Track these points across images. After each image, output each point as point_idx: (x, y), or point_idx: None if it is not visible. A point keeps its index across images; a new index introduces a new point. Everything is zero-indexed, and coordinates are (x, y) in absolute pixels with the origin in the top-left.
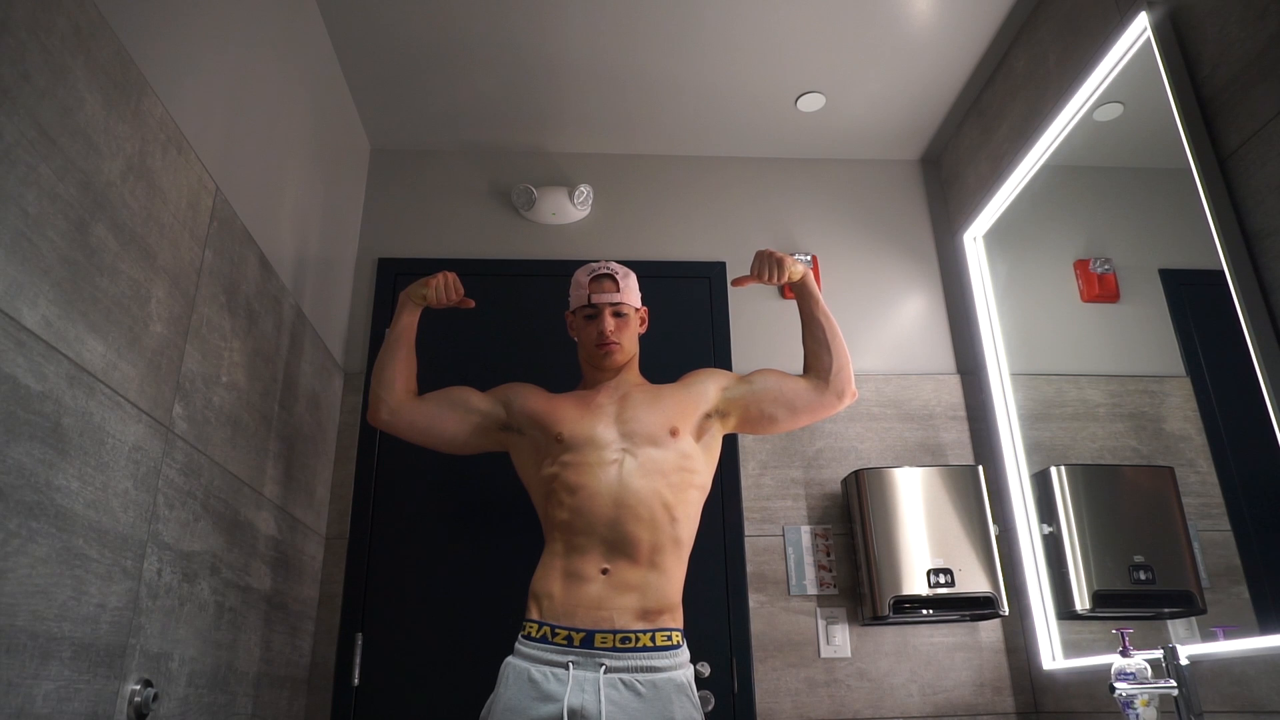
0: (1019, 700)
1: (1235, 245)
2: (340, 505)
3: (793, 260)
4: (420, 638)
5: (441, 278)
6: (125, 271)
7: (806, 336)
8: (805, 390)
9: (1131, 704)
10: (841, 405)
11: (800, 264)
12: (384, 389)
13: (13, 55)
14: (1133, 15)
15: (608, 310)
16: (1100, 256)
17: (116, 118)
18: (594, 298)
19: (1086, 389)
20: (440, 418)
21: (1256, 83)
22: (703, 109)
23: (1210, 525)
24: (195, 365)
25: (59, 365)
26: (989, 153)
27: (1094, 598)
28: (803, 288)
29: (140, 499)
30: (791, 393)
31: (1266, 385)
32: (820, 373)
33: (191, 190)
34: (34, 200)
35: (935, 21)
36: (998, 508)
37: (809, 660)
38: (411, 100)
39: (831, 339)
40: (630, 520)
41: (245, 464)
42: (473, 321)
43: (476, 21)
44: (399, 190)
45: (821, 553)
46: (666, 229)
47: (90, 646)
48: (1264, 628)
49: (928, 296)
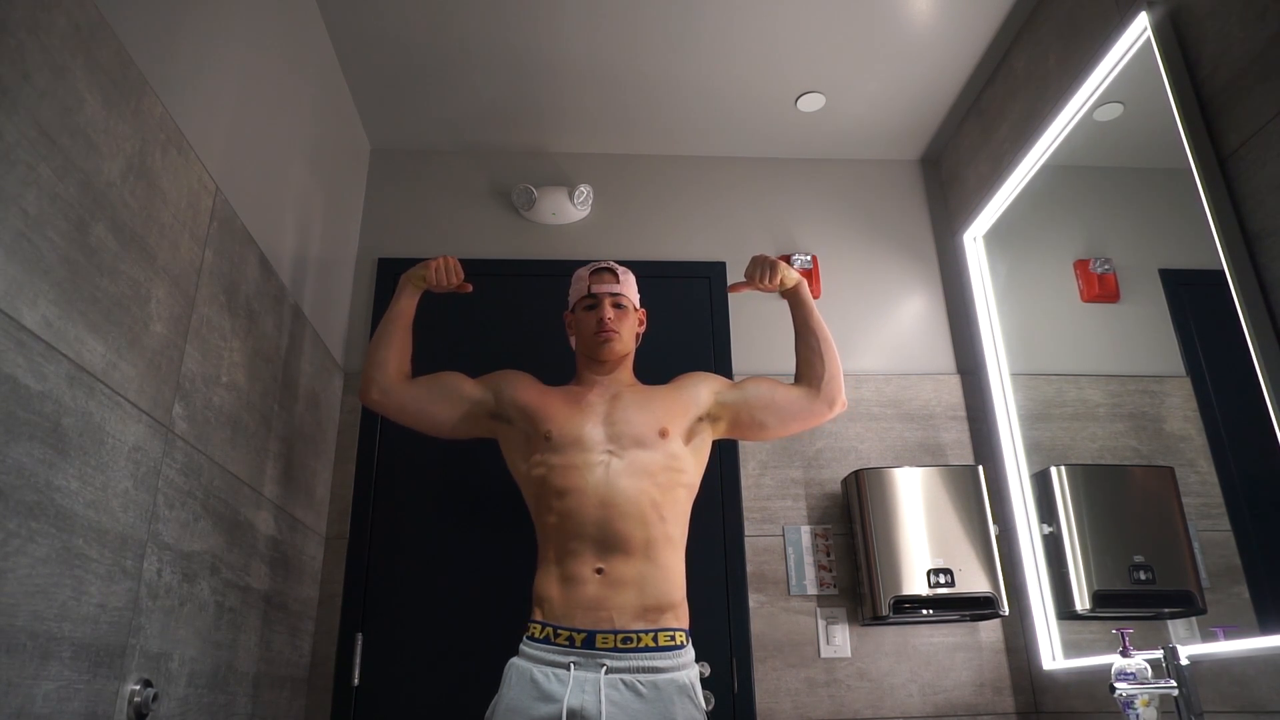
0: (1019, 700)
1: (1235, 245)
2: (340, 505)
3: (787, 266)
4: (420, 638)
5: (441, 261)
6: (125, 272)
7: (799, 344)
8: (796, 398)
9: (1132, 704)
10: (831, 414)
11: (794, 272)
12: (376, 369)
13: (13, 55)
14: (1133, 15)
15: (607, 300)
16: (1100, 256)
17: (116, 118)
18: (594, 288)
19: (1086, 389)
20: (430, 401)
21: (1256, 83)
22: (703, 109)
23: (1210, 525)
24: (195, 365)
25: (59, 365)
26: (989, 153)
27: (1094, 598)
28: (796, 295)
29: (140, 499)
30: (783, 400)
31: (1266, 385)
32: (812, 381)
33: (191, 190)
34: (34, 200)
35: (935, 21)
36: (998, 508)
37: (809, 660)
38: (411, 100)
39: (824, 348)
40: (618, 519)
41: (245, 464)
42: (473, 321)
43: (477, 22)
44: (399, 190)
45: (821, 553)
46: (666, 229)
47: (90, 646)
48: (1264, 628)
49: (928, 296)
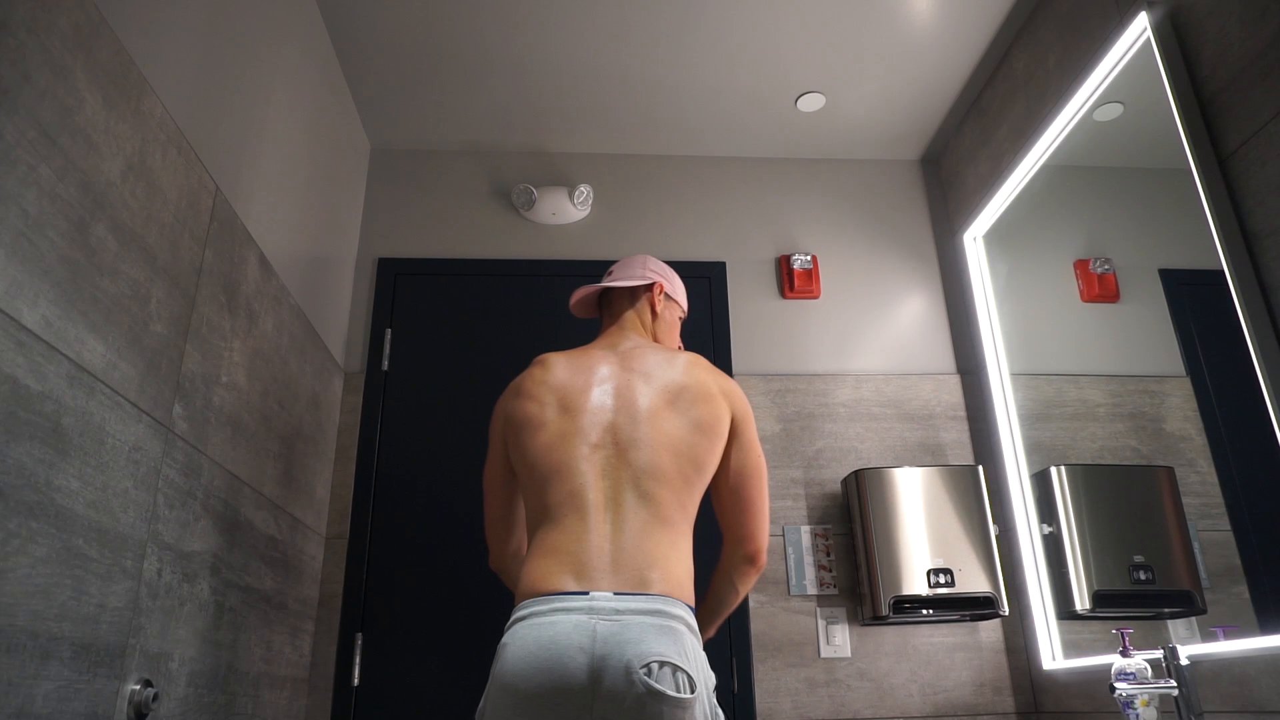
0: (1019, 700)
1: (1235, 245)
2: (340, 505)
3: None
4: (420, 638)
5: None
6: (125, 271)
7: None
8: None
9: (1131, 704)
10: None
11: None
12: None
13: (13, 55)
14: (1133, 15)
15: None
16: (1100, 256)
17: (116, 118)
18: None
19: (1086, 389)
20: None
21: (1256, 83)
22: (703, 109)
23: (1210, 525)
24: (195, 365)
25: (59, 365)
26: (989, 153)
27: (1094, 598)
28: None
29: (140, 499)
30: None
31: (1266, 385)
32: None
33: (191, 190)
34: (34, 200)
35: (935, 21)
36: (998, 508)
37: (809, 660)
38: (411, 100)
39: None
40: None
41: (245, 464)
42: (473, 321)
43: (477, 22)
44: (399, 190)
45: (821, 553)
46: (666, 229)
47: (90, 646)
48: (1264, 628)
49: (928, 296)
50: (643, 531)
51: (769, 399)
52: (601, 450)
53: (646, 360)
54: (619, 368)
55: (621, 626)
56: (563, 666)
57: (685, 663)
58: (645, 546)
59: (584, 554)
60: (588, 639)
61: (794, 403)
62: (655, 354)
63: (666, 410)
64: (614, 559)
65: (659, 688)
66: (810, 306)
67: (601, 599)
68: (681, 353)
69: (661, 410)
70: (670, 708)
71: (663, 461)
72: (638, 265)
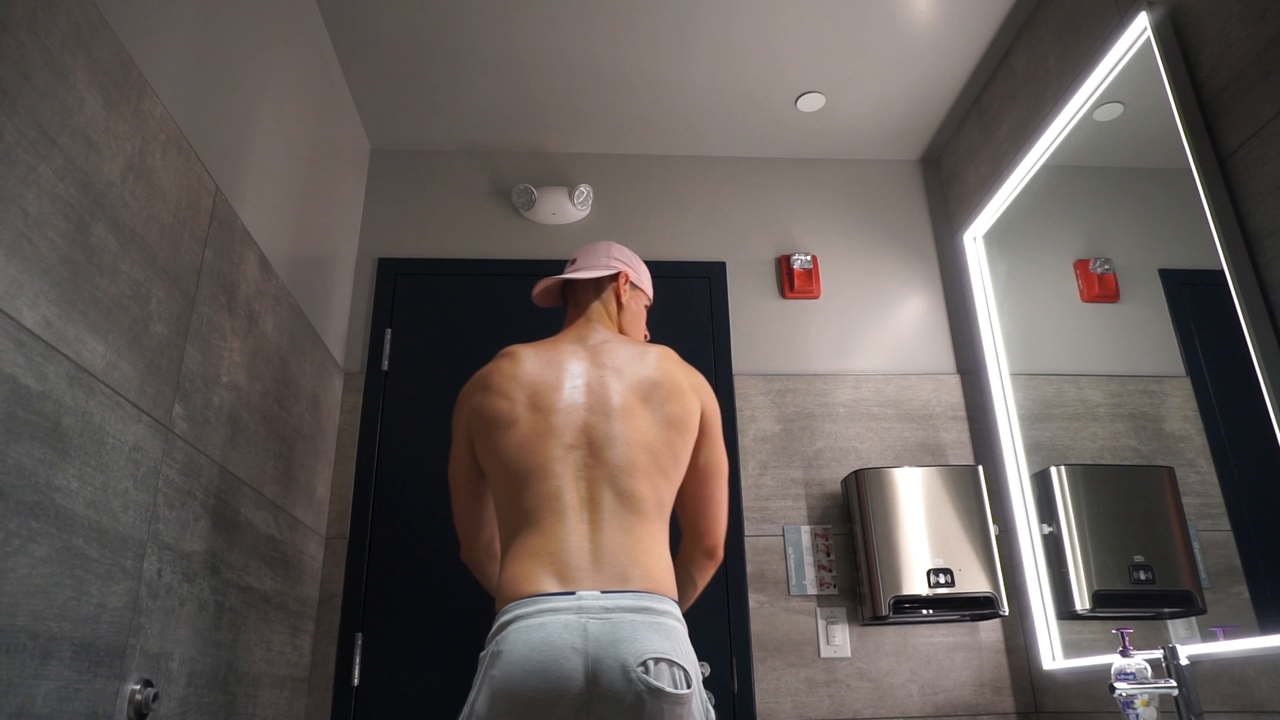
0: (1019, 700)
1: (1235, 245)
2: (340, 505)
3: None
4: (420, 638)
5: None
6: (125, 271)
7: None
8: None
9: (1131, 704)
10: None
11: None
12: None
13: (13, 55)
14: (1133, 15)
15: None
16: (1100, 256)
17: (116, 118)
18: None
19: (1086, 389)
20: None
21: (1256, 83)
22: (703, 109)
23: (1210, 525)
24: (195, 365)
25: (59, 365)
26: (989, 153)
27: (1094, 598)
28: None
29: (140, 499)
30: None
31: (1266, 385)
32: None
33: (191, 190)
34: (34, 200)
35: (935, 21)
36: (998, 508)
37: (809, 660)
38: (411, 100)
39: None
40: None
41: (245, 464)
42: (472, 321)
43: (477, 21)
44: (399, 190)
45: (821, 553)
46: (666, 229)
47: (90, 646)
48: (1264, 628)
49: (928, 296)
50: (622, 529)
51: (769, 399)
52: (576, 450)
53: (618, 355)
54: (590, 363)
55: (612, 625)
56: (558, 668)
57: (680, 658)
58: (626, 544)
59: (565, 555)
60: (580, 638)
61: (794, 403)
62: (626, 348)
63: (639, 407)
64: (595, 558)
65: (658, 685)
66: (810, 306)
67: (589, 598)
68: (651, 346)
69: (634, 407)
70: (670, 704)
71: (637, 459)
72: (601, 253)
